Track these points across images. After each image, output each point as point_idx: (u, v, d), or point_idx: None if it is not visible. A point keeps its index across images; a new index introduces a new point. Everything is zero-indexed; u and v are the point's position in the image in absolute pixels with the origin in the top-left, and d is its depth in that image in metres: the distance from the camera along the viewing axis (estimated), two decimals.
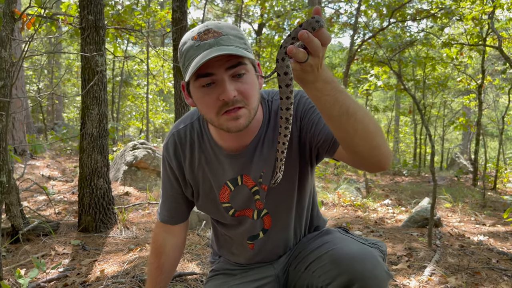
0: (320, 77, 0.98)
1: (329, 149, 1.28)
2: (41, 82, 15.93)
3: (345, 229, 1.58)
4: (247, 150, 1.42)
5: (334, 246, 1.34)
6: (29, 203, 4.99)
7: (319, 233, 1.55)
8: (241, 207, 1.50)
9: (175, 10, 4.65)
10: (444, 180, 9.56)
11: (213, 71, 1.19)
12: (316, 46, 0.90)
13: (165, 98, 20.06)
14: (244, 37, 1.26)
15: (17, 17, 2.70)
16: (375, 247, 1.39)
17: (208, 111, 1.25)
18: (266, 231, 1.53)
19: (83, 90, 3.76)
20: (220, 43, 1.18)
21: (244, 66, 1.22)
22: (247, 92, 1.23)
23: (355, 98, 1.35)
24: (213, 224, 1.69)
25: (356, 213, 5.20)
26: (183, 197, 1.58)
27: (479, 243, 3.65)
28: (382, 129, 1.16)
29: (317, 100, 1.03)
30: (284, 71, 0.95)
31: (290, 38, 0.93)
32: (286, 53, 0.92)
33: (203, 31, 1.21)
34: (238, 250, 1.62)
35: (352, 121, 1.04)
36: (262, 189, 1.45)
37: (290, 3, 13.80)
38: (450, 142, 22.50)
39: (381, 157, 1.14)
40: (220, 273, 1.67)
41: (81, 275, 2.72)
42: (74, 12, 6.27)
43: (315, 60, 0.93)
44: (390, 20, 7.90)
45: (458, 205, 5.71)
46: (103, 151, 3.84)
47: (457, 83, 10.84)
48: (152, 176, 6.52)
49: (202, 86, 1.22)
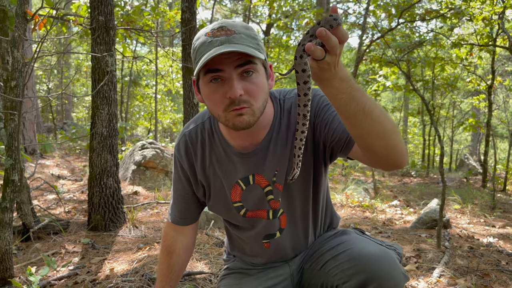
0: (337, 75, 0.99)
1: (343, 148, 1.28)
2: (51, 82, 16.08)
3: (361, 230, 1.58)
4: (258, 148, 1.42)
5: (352, 246, 1.33)
6: (39, 202, 5.05)
7: (336, 233, 1.55)
8: (253, 207, 1.49)
9: (184, 10, 4.67)
10: (453, 181, 9.49)
11: (222, 68, 1.20)
12: (333, 43, 0.91)
13: (173, 98, 20.14)
14: (258, 37, 1.27)
15: (29, 18, 2.74)
16: (392, 249, 1.39)
17: (215, 107, 1.26)
18: (282, 230, 1.52)
19: (93, 90, 3.79)
20: (232, 41, 1.19)
21: (254, 65, 1.23)
22: (253, 92, 1.24)
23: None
24: (226, 226, 1.69)
25: (364, 214, 5.19)
26: (194, 198, 1.59)
27: (488, 245, 3.63)
28: (398, 127, 1.15)
29: (334, 98, 1.03)
30: (302, 68, 0.96)
31: (308, 36, 0.94)
32: (304, 50, 0.93)
33: (217, 28, 1.22)
34: (253, 251, 1.61)
35: (368, 120, 1.04)
36: (276, 188, 1.45)
37: (298, 4, 13.79)
38: (459, 143, 22.32)
39: (397, 155, 1.14)
40: (235, 271, 1.66)
41: (91, 273, 2.75)
42: (84, 13, 6.32)
43: (333, 58, 0.94)
44: (399, 20, 7.86)
45: (467, 207, 5.67)
46: (112, 151, 3.87)
47: (467, 83, 10.77)
48: (160, 176, 6.56)
49: (210, 81, 1.23)
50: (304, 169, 1.40)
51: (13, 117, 2.58)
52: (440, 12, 7.85)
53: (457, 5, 7.45)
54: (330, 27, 0.91)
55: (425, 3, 10.94)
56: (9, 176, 2.55)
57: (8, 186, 2.55)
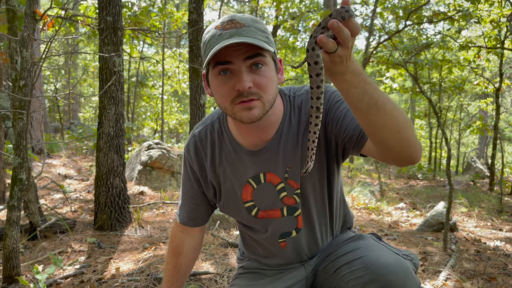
0: (349, 68, 0.98)
1: (356, 144, 1.27)
2: (58, 82, 16.19)
3: (378, 236, 1.55)
4: (268, 146, 1.41)
5: (368, 253, 1.30)
6: (46, 201, 5.08)
7: (352, 237, 1.52)
8: (266, 206, 1.47)
9: (192, 11, 4.68)
10: (459, 184, 9.43)
11: (231, 60, 1.20)
12: (345, 35, 0.90)
13: (180, 99, 20.20)
14: (267, 31, 1.26)
15: (38, 18, 2.76)
16: (408, 259, 1.36)
17: (223, 100, 1.26)
18: (299, 230, 1.50)
19: (100, 90, 3.81)
20: (241, 34, 1.18)
21: (263, 58, 1.22)
22: (263, 84, 1.23)
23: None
24: (240, 228, 1.67)
25: (370, 216, 5.17)
26: (203, 200, 1.58)
27: (495, 249, 3.60)
28: (411, 122, 1.14)
29: (346, 92, 1.03)
30: (315, 61, 0.95)
31: (320, 28, 0.94)
32: (316, 42, 0.92)
33: (227, 21, 1.22)
34: (269, 252, 1.58)
35: (381, 114, 1.03)
36: (289, 185, 1.43)
37: (305, 5, 13.79)
38: (466, 146, 22.19)
39: (411, 150, 1.12)
40: (251, 271, 1.64)
41: (97, 272, 2.76)
42: (92, 13, 6.36)
43: (344, 50, 0.93)
44: (406, 22, 7.84)
45: (474, 210, 5.63)
46: (119, 151, 3.88)
47: (474, 86, 10.71)
48: (166, 176, 6.58)
49: (219, 74, 1.23)
50: (317, 167, 1.39)
51: (21, 116, 2.60)
52: (447, 14, 7.82)
53: (465, 8, 7.42)
54: (342, 19, 0.90)
55: (432, 5, 10.89)
56: (17, 175, 2.57)
57: (16, 184, 2.57)
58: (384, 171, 11.79)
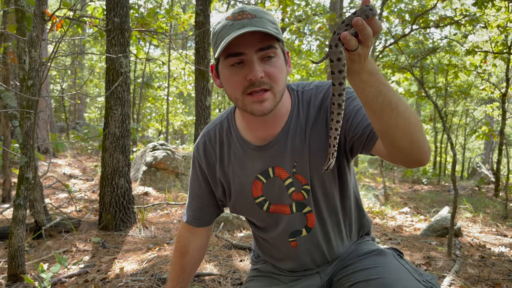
0: (366, 67, 0.99)
1: (366, 143, 1.26)
2: (64, 82, 16.28)
3: (400, 252, 1.51)
4: (275, 140, 1.41)
5: (387, 275, 1.27)
6: (51, 200, 5.11)
7: (372, 252, 1.48)
8: (275, 200, 1.46)
9: (199, 13, 4.70)
10: (464, 189, 9.39)
11: (244, 51, 1.20)
12: (368, 34, 0.91)
13: (185, 100, 20.25)
14: (276, 22, 1.27)
15: (47, 18, 2.78)
16: (429, 286, 1.30)
17: (234, 90, 1.26)
18: (310, 230, 1.48)
19: (107, 91, 3.83)
20: (253, 24, 1.19)
21: (274, 50, 1.23)
22: (274, 74, 1.23)
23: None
24: (252, 230, 1.66)
25: (374, 220, 5.16)
26: (211, 199, 1.58)
27: (500, 254, 3.58)
28: (422, 124, 1.14)
29: (361, 91, 1.03)
30: (338, 57, 0.96)
31: (344, 25, 0.94)
32: (340, 39, 0.93)
33: (238, 12, 1.23)
34: (281, 253, 1.57)
35: (394, 114, 1.04)
36: (297, 180, 1.42)
37: (312, 8, 13.79)
38: (471, 151, 22.09)
39: (421, 152, 1.12)
40: (265, 275, 1.63)
41: (101, 272, 2.77)
42: (100, 14, 6.40)
43: (364, 49, 0.94)
44: (412, 26, 7.83)
45: (479, 215, 5.61)
46: (125, 151, 3.90)
47: (480, 91, 10.67)
48: (171, 177, 6.59)
49: (231, 65, 1.23)
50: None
51: (29, 116, 2.62)
52: (454, 19, 7.80)
53: (472, 12, 7.40)
54: (366, 17, 0.91)
55: (439, 9, 10.88)
56: (24, 174, 2.59)
57: (22, 183, 2.59)
58: (389, 175, 11.75)
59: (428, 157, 1.15)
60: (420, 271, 1.38)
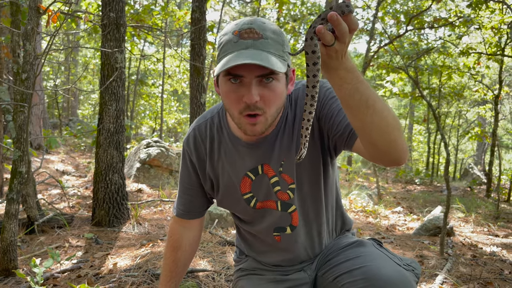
0: (343, 64, 1.00)
1: (347, 141, 1.28)
2: (58, 78, 16.17)
3: (379, 242, 1.53)
4: (266, 139, 1.42)
5: (369, 263, 1.28)
6: (44, 196, 5.07)
7: (353, 243, 1.50)
8: (263, 197, 1.48)
9: (194, 10, 4.69)
10: (457, 190, 9.45)
11: (243, 74, 1.20)
12: (343, 30, 0.92)
13: (179, 98, 20.19)
14: (285, 42, 1.26)
15: (41, 12, 2.76)
16: (410, 269, 1.34)
17: (231, 106, 1.27)
18: (294, 228, 1.49)
19: (101, 86, 3.81)
20: (257, 46, 1.18)
21: (276, 75, 1.22)
22: (269, 100, 1.24)
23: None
24: (236, 224, 1.68)
25: (367, 219, 5.18)
26: (201, 191, 1.59)
27: (491, 254, 3.62)
28: (400, 123, 1.15)
29: (338, 88, 1.04)
30: (312, 50, 0.97)
31: (319, 19, 0.95)
32: (315, 32, 0.94)
33: (245, 29, 1.21)
34: (265, 246, 1.58)
35: (370, 112, 1.05)
36: (283, 179, 1.44)
37: (307, 8, 13.80)
38: (464, 152, 22.24)
39: (398, 151, 1.13)
40: (251, 273, 1.63)
41: (94, 267, 2.76)
42: (94, 10, 6.37)
43: (341, 45, 0.95)
44: (407, 27, 7.86)
45: (471, 215, 5.65)
46: (119, 147, 3.89)
47: (473, 93, 10.74)
48: (165, 174, 6.58)
49: (229, 80, 1.24)
50: (313, 161, 1.40)
51: (22, 110, 2.60)
52: (448, 20, 7.85)
53: (466, 14, 7.45)
54: (342, 13, 0.92)
55: (434, 11, 10.93)
56: (17, 168, 2.57)
57: (15, 177, 2.57)
58: (382, 175, 11.81)
59: (405, 157, 1.16)
60: (399, 256, 1.41)
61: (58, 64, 13.70)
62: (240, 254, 1.75)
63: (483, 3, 6.66)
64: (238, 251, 1.77)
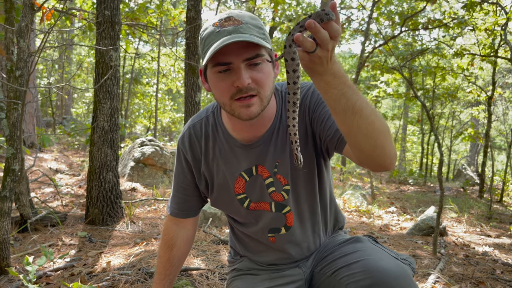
0: (329, 70, 0.99)
1: (337, 145, 1.29)
2: (51, 76, 16.07)
3: (374, 238, 1.54)
4: (261, 140, 1.43)
5: (368, 257, 1.29)
6: (37, 194, 5.04)
7: (349, 240, 1.51)
8: (256, 198, 1.49)
9: (190, 8, 4.68)
10: (450, 190, 9.51)
11: (231, 60, 1.22)
12: (323, 37, 0.92)
13: (174, 97, 20.15)
14: (264, 27, 1.29)
15: (36, 9, 2.74)
16: (407, 263, 1.36)
17: (222, 95, 1.28)
18: (288, 228, 1.50)
19: (96, 84, 3.80)
20: (239, 31, 1.21)
21: (261, 57, 1.24)
22: (261, 80, 1.25)
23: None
24: (231, 225, 1.68)
25: (361, 218, 5.20)
26: (195, 191, 1.59)
27: (484, 254, 3.64)
28: (389, 129, 1.16)
29: (324, 92, 1.05)
30: (291, 57, 0.98)
31: (298, 27, 0.96)
32: (294, 40, 0.94)
33: (224, 18, 1.24)
34: (259, 247, 1.59)
35: (357, 118, 1.05)
36: (278, 180, 1.45)
37: (302, 8, 13.83)
38: (457, 153, 22.38)
39: (384, 156, 1.14)
40: (245, 273, 1.63)
41: (87, 266, 2.75)
42: (89, 8, 6.34)
43: (324, 52, 0.95)
44: (402, 28, 7.90)
45: (463, 216, 5.68)
46: (113, 145, 3.87)
47: (467, 94, 10.81)
48: (159, 173, 6.56)
49: (219, 72, 1.25)
50: (307, 163, 1.41)
51: (16, 107, 2.58)
52: (443, 22, 7.89)
53: (460, 15, 7.50)
54: (321, 21, 0.91)
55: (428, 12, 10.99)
56: (10, 165, 2.56)
57: (8, 175, 2.55)
58: (376, 176, 11.84)
59: (392, 163, 1.17)
60: (395, 252, 1.43)
61: (52, 62, 13.61)
62: (234, 255, 1.75)
63: (478, 4, 6.71)
64: (233, 252, 1.77)
